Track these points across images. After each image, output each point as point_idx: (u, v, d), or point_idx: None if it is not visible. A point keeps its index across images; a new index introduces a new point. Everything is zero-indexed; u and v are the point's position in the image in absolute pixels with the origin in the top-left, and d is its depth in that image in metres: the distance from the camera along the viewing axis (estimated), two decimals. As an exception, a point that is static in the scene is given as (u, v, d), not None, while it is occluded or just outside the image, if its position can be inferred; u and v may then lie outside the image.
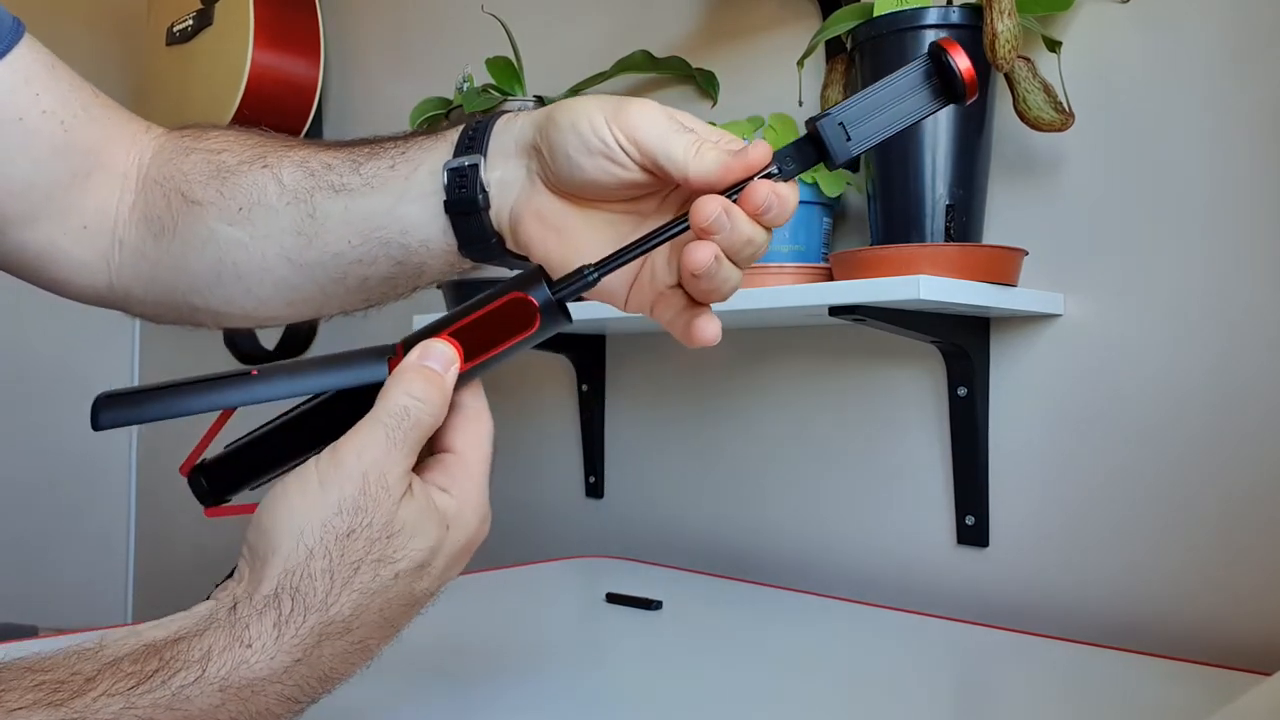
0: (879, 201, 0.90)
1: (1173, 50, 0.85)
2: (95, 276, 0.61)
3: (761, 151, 0.46)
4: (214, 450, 0.48)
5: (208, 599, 0.42)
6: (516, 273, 0.46)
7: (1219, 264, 0.82)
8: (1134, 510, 0.86)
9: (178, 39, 1.81)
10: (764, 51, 1.14)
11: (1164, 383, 0.85)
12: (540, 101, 1.14)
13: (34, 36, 0.58)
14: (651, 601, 0.91)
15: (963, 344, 0.92)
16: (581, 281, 0.46)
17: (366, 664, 0.43)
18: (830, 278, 0.92)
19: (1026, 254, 0.88)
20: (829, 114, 0.46)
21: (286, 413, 0.48)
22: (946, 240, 0.86)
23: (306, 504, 0.41)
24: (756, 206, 0.45)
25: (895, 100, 0.46)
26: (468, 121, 0.54)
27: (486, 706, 0.65)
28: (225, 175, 0.57)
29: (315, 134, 1.77)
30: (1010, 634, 0.84)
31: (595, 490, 1.31)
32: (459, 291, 1.18)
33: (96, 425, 0.42)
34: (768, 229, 0.46)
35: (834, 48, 0.99)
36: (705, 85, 1.16)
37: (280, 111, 1.69)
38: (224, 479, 0.48)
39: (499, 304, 0.45)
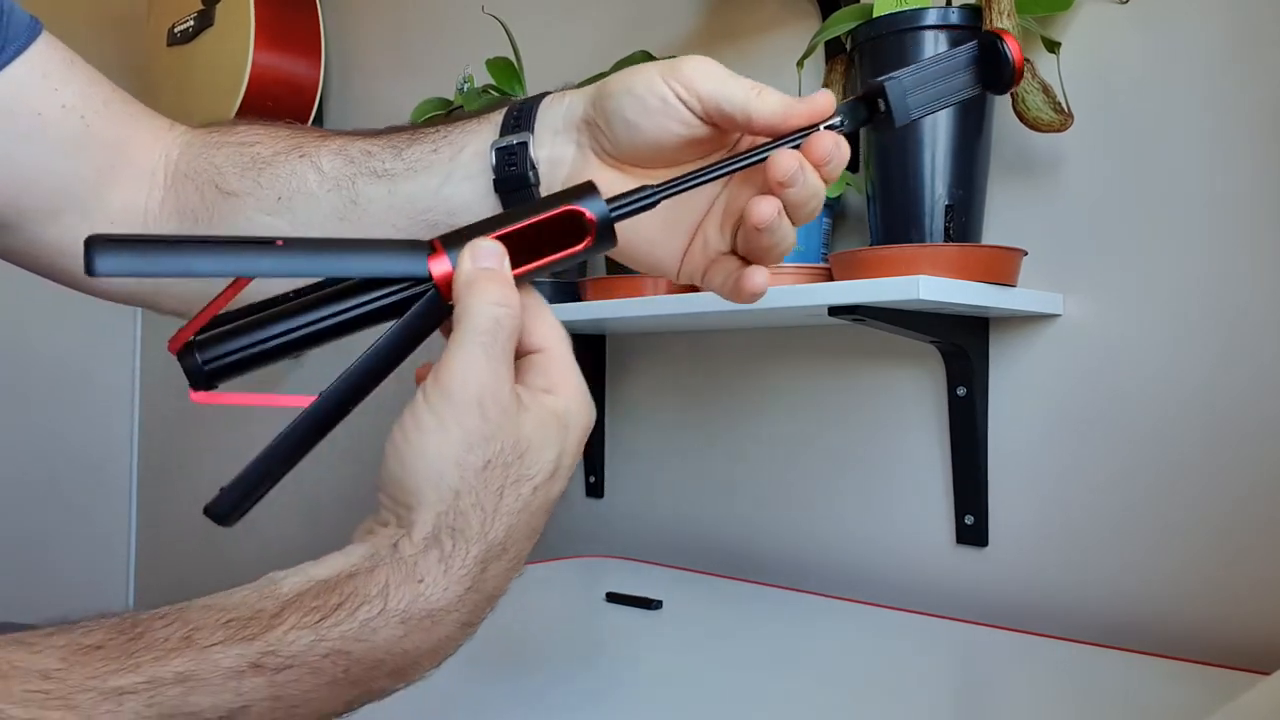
0: (878, 202, 0.90)
1: (1172, 50, 0.85)
2: None
3: (827, 100, 0.46)
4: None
5: (354, 543, 0.42)
6: (567, 187, 0.45)
7: (1219, 264, 0.82)
8: (1134, 510, 0.86)
9: (178, 39, 1.81)
10: (764, 51, 1.14)
11: (1163, 382, 0.85)
12: (540, 102, 1.14)
13: (51, 34, 0.59)
14: (651, 601, 0.91)
15: (962, 344, 0.92)
16: (640, 200, 0.44)
17: (520, 574, 0.44)
18: (830, 278, 0.92)
19: (1026, 254, 0.88)
20: (895, 77, 0.47)
21: (293, 295, 0.44)
22: (946, 240, 0.86)
23: (433, 447, 0.40)
24: (822, 156, 0.45)
25: (944, 77, 0.48)
26: (509, 105, 0.54)
27: (486, 706, 0.65)
28: (261, 166, 0.58)
29: (315, 134, 1.77)
30: (1010, 634, 0.84)
31: (595, 490, 1.31)
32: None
33: (91, 269, 0.37)
34: (826, 183, 0.47)
35: (834, 48, 0.99)
36: (705, 85, 1.16)
37: (281, 111, 1.69)
38: (221, 361, 0.42)
39: (552, 215, 0.43)
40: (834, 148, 0.45)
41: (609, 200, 0.44)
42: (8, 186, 0.57)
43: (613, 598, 0.93)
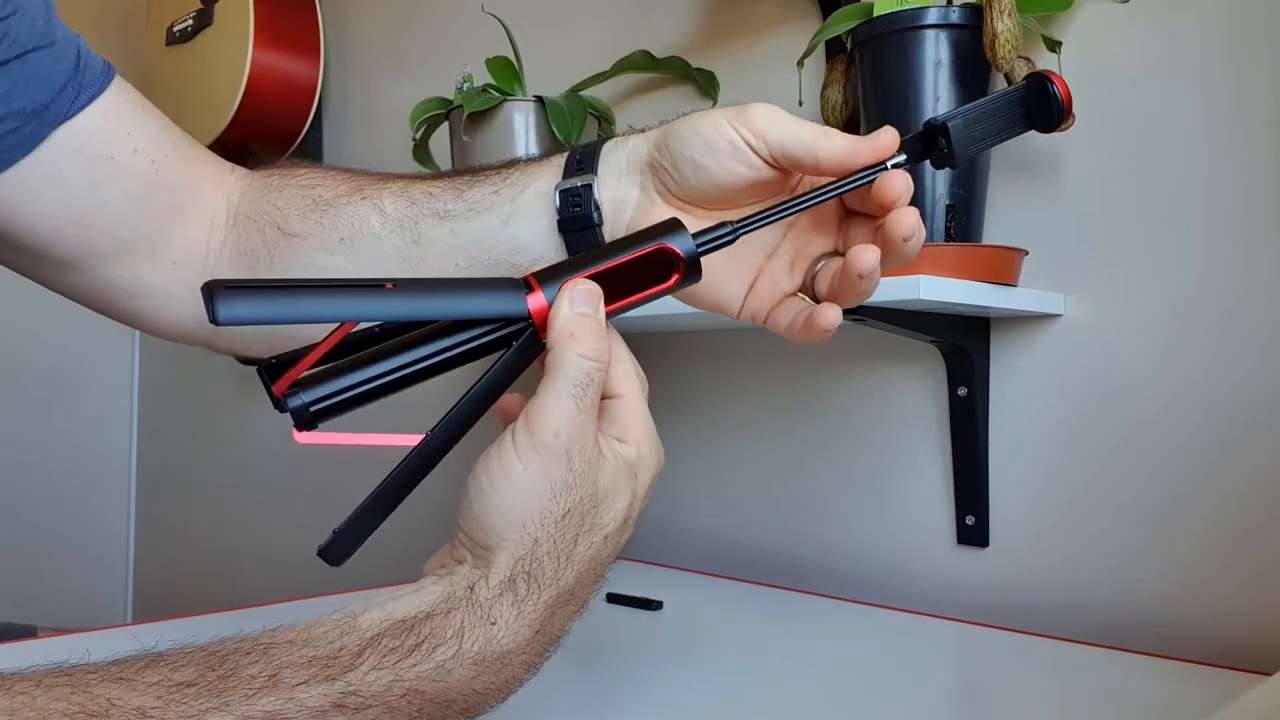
0: (879, 201, 0.90)
1: (1172, 50, 0.85)
2: (183, 311, 0.63)
3: (891, 138, 0.48)
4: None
5: (428, 578, 0.43)
6: (653, 223, 0.46)
7: (1218, 264, 0.82)
8: (1134, 510, 0.86)
9: (177, 39, 1.81)
10: (764, 51, 1.14)
11: (1163, 382, 0.85)
12: (540, 101, 1.14)
13: (123, 79, 0.60)
14: (651, 601, 0.91)
15: (963, 344, 0.92)
16: (723, 236, 0.45)
17: (582, 614, 0.46)
18: (830, 278, 0.92)
19: (1027, 254, 0.88)
20: (955, 116, 0.48)
21: (378, 330, 0.44)
22: (946, 240, 0.86)
23: (519, 493, 0.41)
24: (899, 195, 0.47)
25: (995, 115, 0.49)
26: (570, 150, 0.55)
27: (486, 706, 0.65)
28: (324, 208, 0.58)
29: (315, 134, 1.77)
30: (1010, 634, 0.84)
31: (595, 490, 1.30)
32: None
33: (214, 317, 0.35)
34: None
35: (834, 48, 0.99)
36: (705, 85, 1.16)
37: (280, 111, 1.69)
38: (327, 402, 0.43)
39: (643, 253, 0.44)
40: (908, 184, 0.47)
41: (693, 236, 0.45)
42: (80, 229, 0.59)
43: (613, 598, 0.93)
